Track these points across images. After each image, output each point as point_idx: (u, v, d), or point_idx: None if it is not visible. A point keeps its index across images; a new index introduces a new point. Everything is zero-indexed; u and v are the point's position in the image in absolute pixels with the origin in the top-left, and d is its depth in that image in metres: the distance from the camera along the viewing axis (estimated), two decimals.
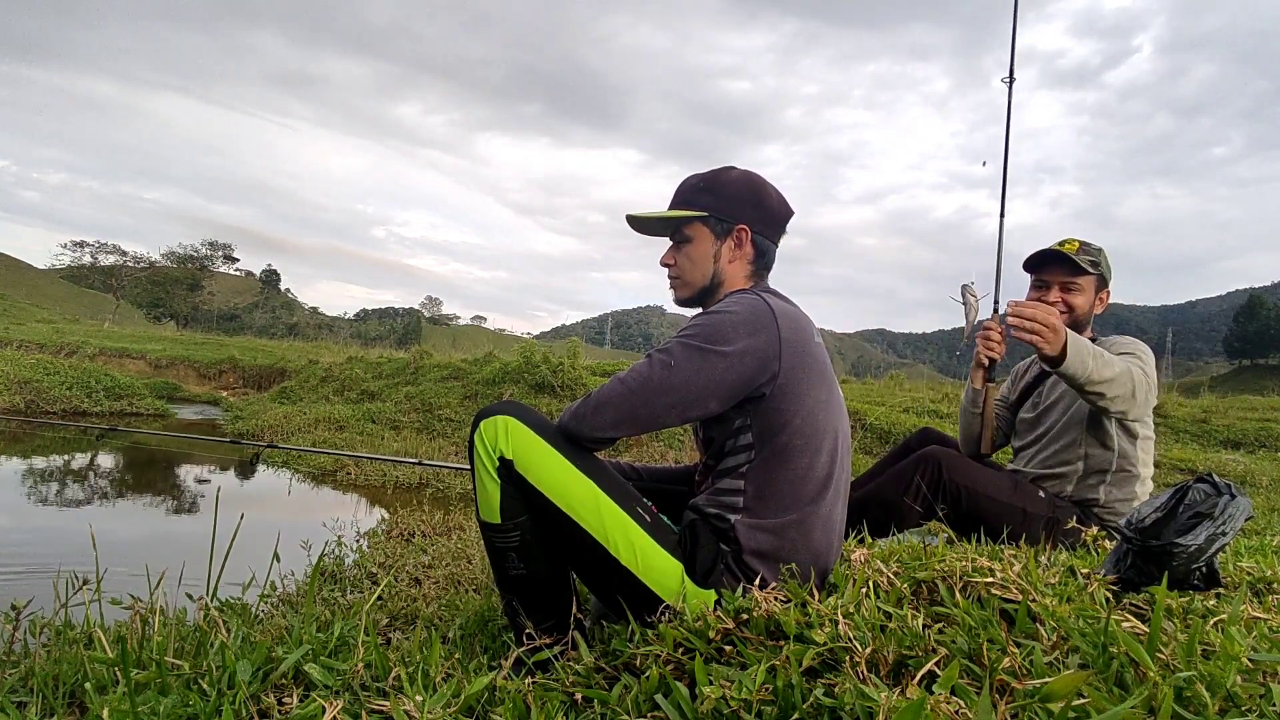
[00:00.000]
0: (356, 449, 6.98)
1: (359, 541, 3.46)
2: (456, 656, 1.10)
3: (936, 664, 0.89)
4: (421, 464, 3.85)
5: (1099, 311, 2.05)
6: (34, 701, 1.10)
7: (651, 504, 1.34)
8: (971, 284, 2.01)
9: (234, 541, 1.46)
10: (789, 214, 1.47)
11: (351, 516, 4.35)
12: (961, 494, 1.85)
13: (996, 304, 2.10)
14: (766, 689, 0.87)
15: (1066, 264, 1.98)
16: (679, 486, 1.59)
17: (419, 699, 0.92)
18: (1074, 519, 1.84)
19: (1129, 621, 0.98)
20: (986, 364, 2.04)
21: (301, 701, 0.97)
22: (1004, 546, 1.48)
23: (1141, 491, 1.92)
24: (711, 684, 0.88)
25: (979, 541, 1.69)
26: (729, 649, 1.01)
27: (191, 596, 1.35)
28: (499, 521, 1.26)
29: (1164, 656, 0.88)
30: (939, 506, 1.85)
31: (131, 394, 9.91)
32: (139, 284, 46.64)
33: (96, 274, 49.77)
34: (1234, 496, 1.13)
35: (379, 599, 2.02)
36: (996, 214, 2.27)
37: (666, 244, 1.48)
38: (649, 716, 0.92)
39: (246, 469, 6.24)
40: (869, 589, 1.11)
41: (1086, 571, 1.18)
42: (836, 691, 0.84)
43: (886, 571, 1.18)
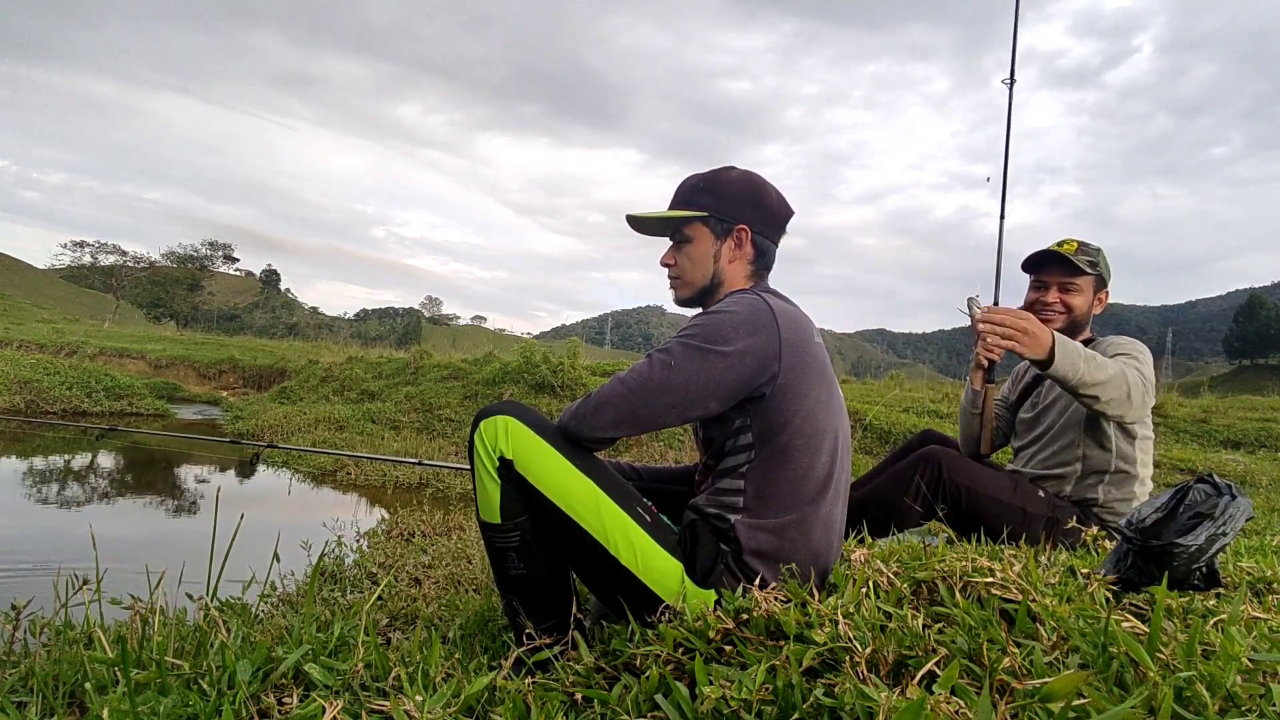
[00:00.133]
0: (356, 449, 6.98)
1: (359, 541, 3.46)
2: (456, 656, 1.10)
3: (936, 664, 0.89)
4: (421, 464, 3.85)
5: (1098, 311, 2.06)
6: (34, 701, 1.10)
7: (651, 504, 1.34)
8: (977, 296, 2.03)
9: (234, 541, 1.46)
10: (789, 214, 1.47)
11: (351, 516, 4.35)
12: (961, 494, 1.85)
13: (996, 305, 2.11)
14: (766, 689, 0.87)
15: (1064, 264, 1.99)
16: (679, 486, 1.59)
17: (419, 699, 0.92)
18: (1074, 519, 1.84)
19: (1129, 621, 0.98)
20: (986, 365, 2.04)
21: (301, 701, 0.97)
22: (1004, 546, 1.48)
23: (1141, 491, 1.92)
24: (711, 684, 0.88)
25: (979, 541, 1.69)
26: (729, 649, 1.01)
27: (191, 596, 1.35)
28: (499, 521, 1.26)
29: (1164, 656, 0.88)
30: (939, 506, 1.85)
31: (131, 394, 9.90)
32: (139, 284, 46.64)
33: (96, 274, 49.77)
34: (1234, 497, 1.13)
35: (379, 599, 2.02)
36: (996, 214, 2.27)
37: (666, 244, 1.48)
38: (649, 716, 0.92)
39: (246, 469, 6.24)
40: (869, 589, 1.11)
41: (1086, 571, 1.18)
42: (836, 691, 0.84)
43: (886, 571, 1.18)
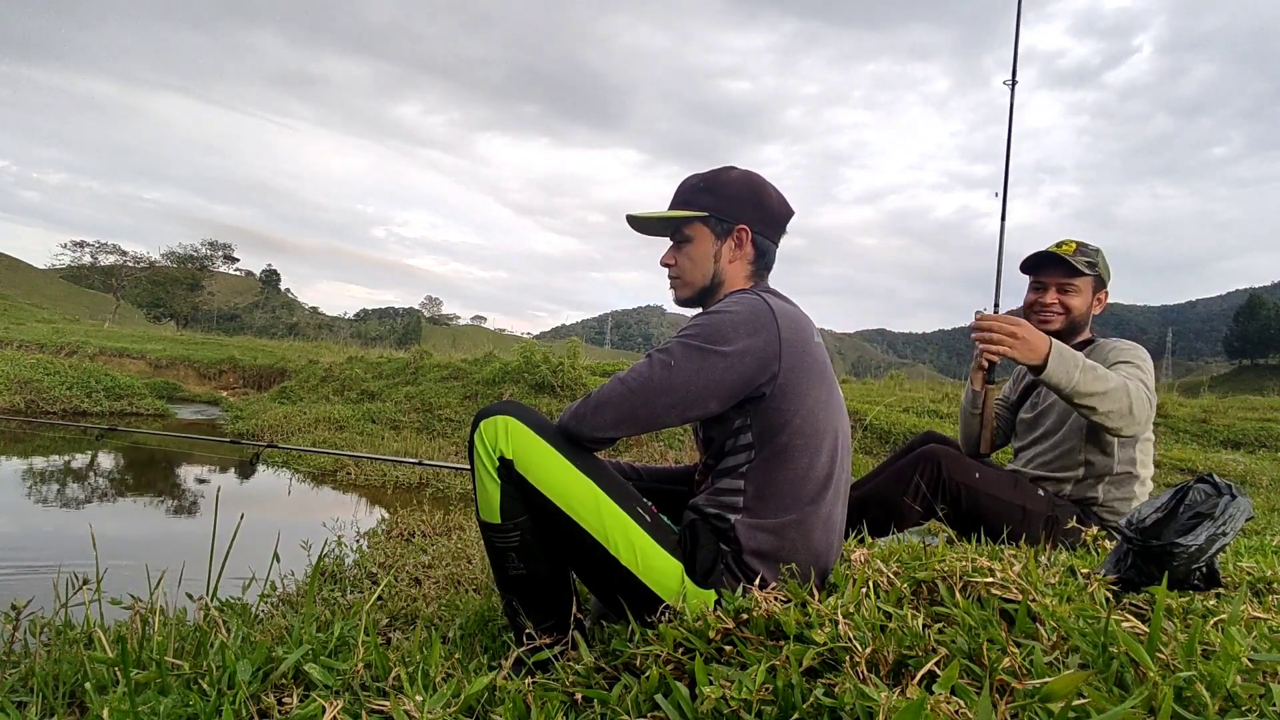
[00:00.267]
0: (356, 449, 6.98)
1: (359, 541, 3.46)
2: (456, 656, 1.10)
3: (936, 664, 0.89)
4: (421, 464, 3.85)
5: (1097, 312, 2.06)
6: (34, 701, 1.10)
7: (651, 504, 1.34)
8: (984, 310, 2.06)
9: (234, 541, 1.46)
10: (789, 214, 1.47)
11: (351, 516, 4.35)
12: (961, 492, 1.85)
13: (997, 307, 2.11)
14: (766, 689, 0.87)
15: (1063, 265, 1.99)
16: (679, 486, 1.59)
17: (419, 699, 0.92)
18: (1074, 518, 1.84)
19: (1129, 621, 0.98)
20: (986, 366, 2.05)
21: (301, 701, 0.97)
22: (1004, 546, 1.48)
23: (1140, 491, 1.92)
24: (711, 684, 0.88)
25: (979, 541, 1.69)
26: (729, 649, 1.01)
27: (191, 596, 1.35)
28: (499, 521, 1.26)
29: (1164, 656, 0.87)
30: (939, 506, 1.85)
31: (131, 394, 9.90)
32: (139, 284, 46.65)
33: (96, 274, 49.78)
34: (1234, 497, 1.13)
35: (379, 599, 2.02)
36: (997, 214, 2.27)
37: (667, 244, 1.48)
38: (649, 716, 0.92)
39: (246, 469, 6.24)
40: (869, 589, 1.11)
41: (1086, 571, 1.18)
42: (836, 691, 0.84)
43: (886, 571, 1.18)
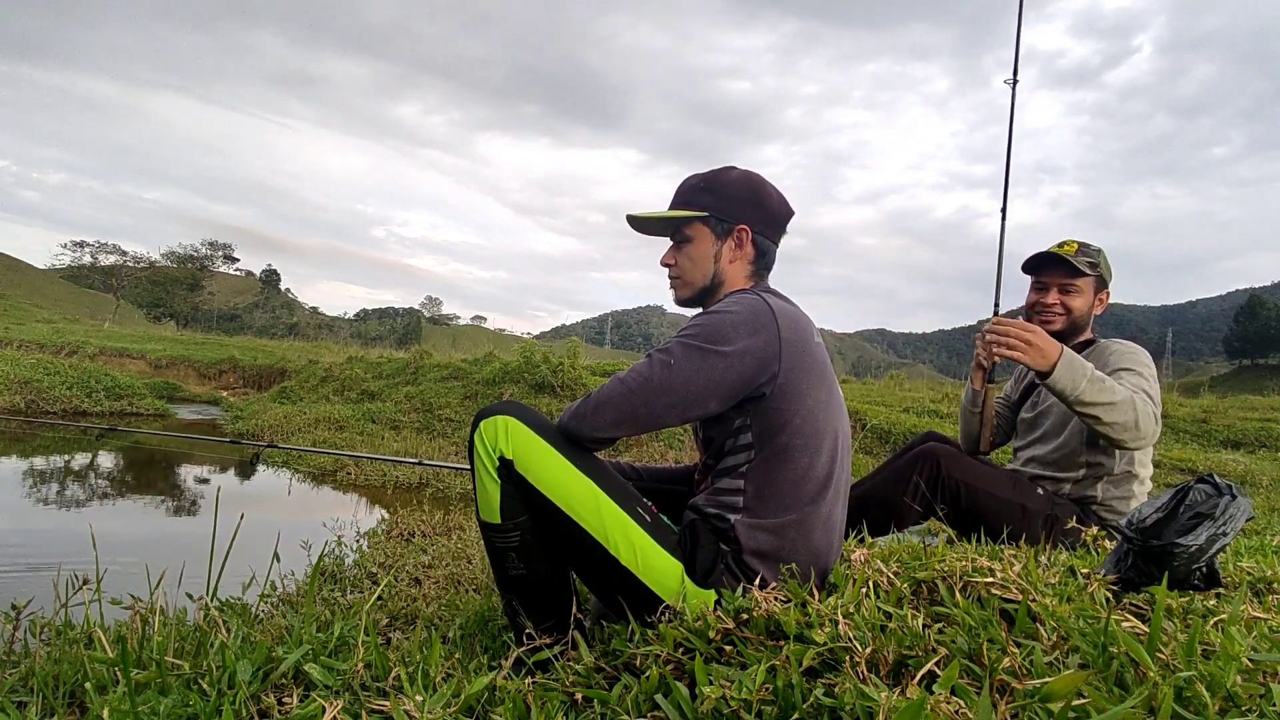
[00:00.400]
0: (356, 449, 6.98)
1: (359, 541, 3.46)
2: (456, 656, 1.10)
3: (936, 664, 0.89)
4: (421, 464, 3.85)
5: (1099, 312, 2.06)
6: (34, 701, 1.10)
7: (651, 504, 1.34)
8: (991, 320, 2.09)
9: (234, 541, 1.46)
10: (789, 214, 1.47)
11: (351, 516, 4.35)
12: (960, 491, 1.86)
13: (997, 306, 2.12)
14: (766, 689, 0.87)
15: (1064, 266, 1.99)
16: (679, 486, 1.59)
17: (419, 699, 0.92)
18: (1074, 518, 1.84)
19: (1129, 621, 0.98)
20: (986, 366, 2.06)
21: (301, 701, 0.97)
22: (1004, 546, 1.48)
23: (1140, 490, 1.93)
24: (711, 684, 0.88)
25: (979, 540, 1.69)
26: (729, 649, 1.01)
27: (191, 596, 1.35)
28: (499, 521, 1.26)
29: (1164, 656, 0.87)
30: (938, 505, 1.85)
31: (131, 394, 9.90)
32: (139, 284, 46.67)
33: (96, 274, 49.81)
34: (1235, 497, 1.13)
35: (379, 599, 2.02)
36: (997, 214, 2.27)
37: (667, 244, 1.48)
38: (649, 716, 0.92)
39: (246, 469, 6.24)
40: (869, 589, 1.11)
41: (1086, 571, 1.18)
42: (836, 691, 0.84)
43: (886, 571, 1.18)
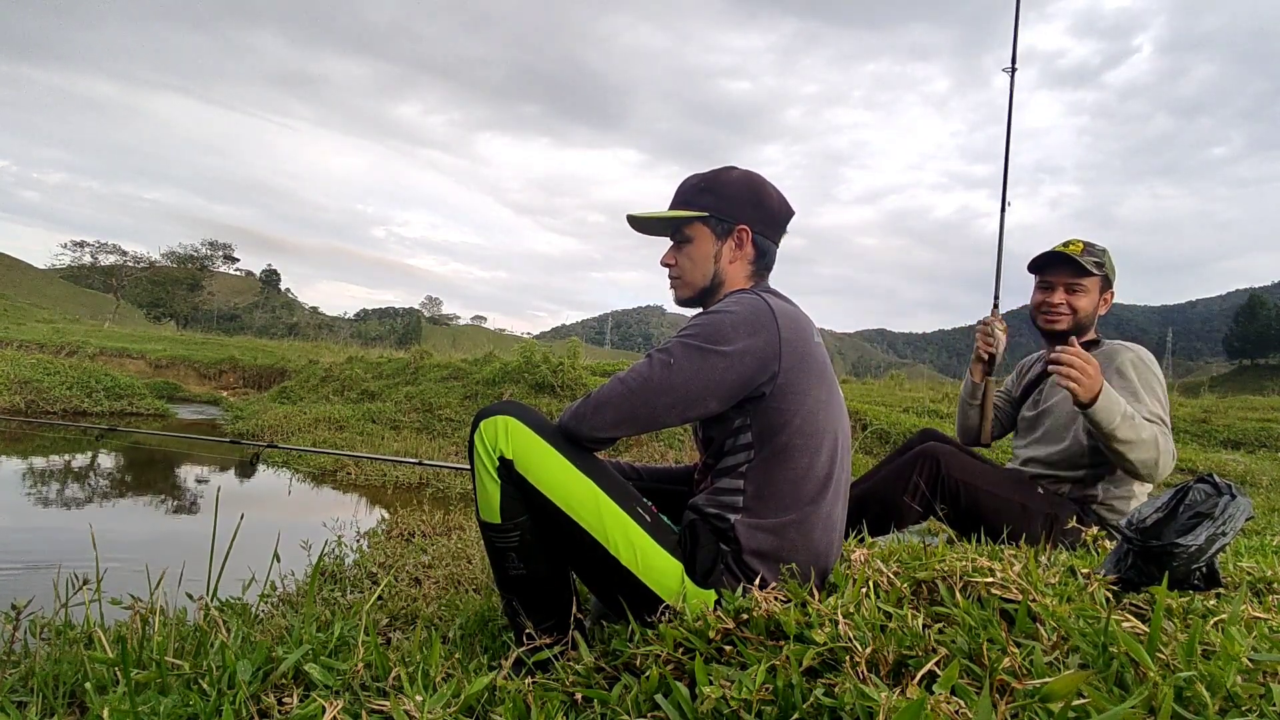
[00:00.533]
0: (356, 449, 6.98)
1: (359, 541, 3.46)
2: (456, 656, 1.10)
3: (936, 664, 0.89)
4: (421, 464, 3.84)
5: (1103, 312, 2.05)
6: (34, 701, 1.10)
7: (651, 504, 1.34)
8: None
9: (234, 541, 1.46)
10: (789, 214, 1.47)
11: (351, 516, 4.35)
12: (960, 490, 1.86)
13: (997, 300, 2.12)
14: (766, 689, 0.87)
15: (1071, 265, 1.98)
16: (679, 486, 1.59)
17: (419, 699, 0.92)
18: (1074, 517, 1.85)
19: (1129, 621, 0.98)
20: (986, 359, 2.06)
21: (301, 701, 0.97)
22: (1004, 546, 1.48)
23: (1140, 490, 1.93)
24: (711, 684, 0.88)
25: (979, 540, 1.69)
26: (729, 649, 1.01)
27: (191, 596, 1.35)
28: (499, 521, 1.26)
29: (1164, 656, 0.87)
30: (938, 505, 1.85)
31: (131, 394, 9.90)
32: (139, 284, 46.67)
33: (96, 274, 49.82)
34: (1234, 497, 1.13)
35: (379, 599, 2.02)
36: (996, 214, 2.27)
37: (667, 244, 1.48)
38: (649, 716, 0.92)
39: (246, 469, 6.23)
40: (869, 589, 1.11)
41: (1086, 571, 1.18)
42: (836, 691, 0.84)
43: (886, 571, 1.18)
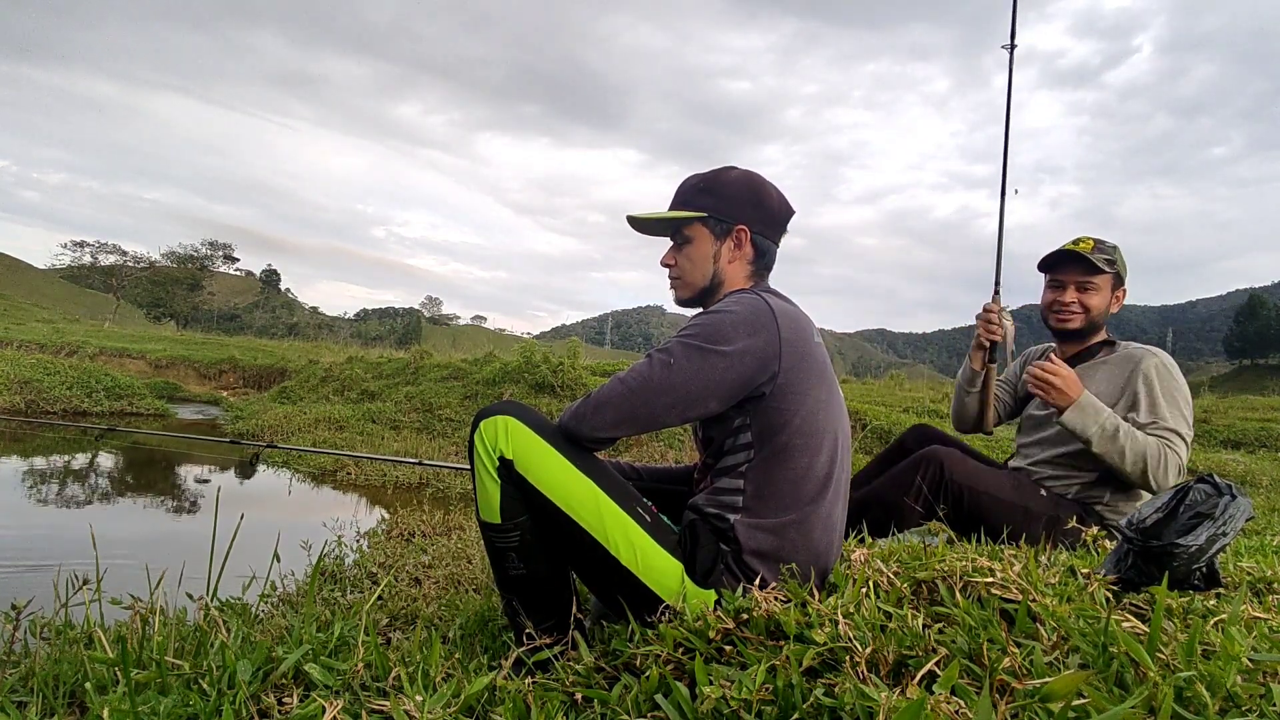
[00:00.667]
0: (356, 449, 6.98)
1: (359, 541, 3.46)
2: (456, 656, 1.10)
3: (936, 664, 0.89)
4: (421, 464, 3.84)
5: (1115, 310, 2.03)
6: (34, 701, 1.10)
7: (651, 504, 1.34)
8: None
9: (234, 541, 1.46)
10: (789, 214, 1.47)
11: (351, 516, 4.35)
12: (964, 494, 1.85)
13: (998, 289, 2.12)
14: (766, 689, 0.87)
15: (1082, 263, 1.96)
16: (679, 486, 1.59)
17: (419, 699, 0.92)
18: (1075, 518, 1.84)
19: (1129, 621, 0.98)
20: (987, 346, 2.06)
21: (301, 701, 0.97)
22: (1004, 546, 1.48)
23: (1142, 491, 1.92)
24: (711, 684, 0.88)
25: (980, 541, 1.69)
26: (729, 649, 1.01)
27: (191, 596, 1.35)
28: (499, 521, 1.26)
29: (1164, 656, 0.87)
30: (940, 507, 1.85)
31: (131, 394, 9.90)
32: (139, 284, 46.66)
33: (96, 274, 49.81)
34: (1235, 497, 1.13)
35: (379, 599, 2.02)
36: (996, 214, 2.27)
37: (667, 244, 1.48)
38: (649, 716, 0.92)
39: (246, 469, 6.23)
40: (869, 589, 1.11)
41: (1087, 571, 1.18)
42: (836, 691, 0.84)
43: (886, 571, 1.18)
